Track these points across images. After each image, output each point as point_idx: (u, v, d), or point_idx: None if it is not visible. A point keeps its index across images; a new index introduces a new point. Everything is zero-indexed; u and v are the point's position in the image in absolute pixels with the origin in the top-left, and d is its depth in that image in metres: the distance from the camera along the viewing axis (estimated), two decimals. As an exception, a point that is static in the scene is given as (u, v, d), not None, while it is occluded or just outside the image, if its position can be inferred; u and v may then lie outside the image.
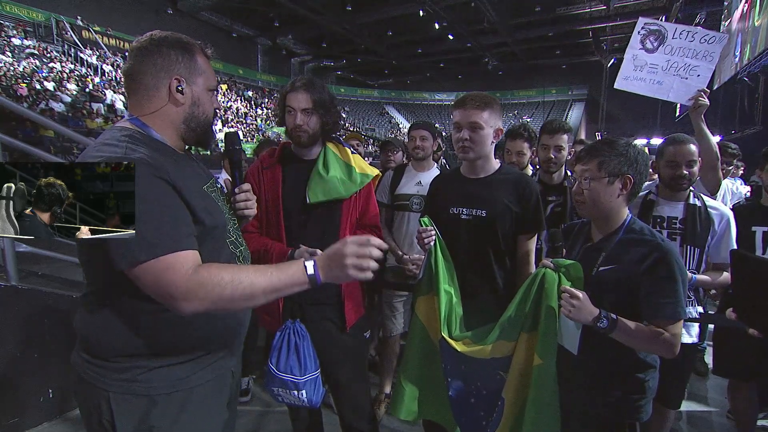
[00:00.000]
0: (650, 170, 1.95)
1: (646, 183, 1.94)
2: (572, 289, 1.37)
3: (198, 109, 1.16)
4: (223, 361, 1.21)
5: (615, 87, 2.42)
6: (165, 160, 1.05)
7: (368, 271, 1.01)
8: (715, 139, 2.20)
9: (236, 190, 1.33)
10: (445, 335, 1.65)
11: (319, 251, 1.62)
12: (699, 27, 2.48)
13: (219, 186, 1.28)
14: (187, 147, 1.22)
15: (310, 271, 1.02)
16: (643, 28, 2.33)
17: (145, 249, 0.95)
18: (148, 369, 1.07)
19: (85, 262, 1.11)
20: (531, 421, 1.47)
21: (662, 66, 2.30)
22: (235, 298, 0.98)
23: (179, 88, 1.11)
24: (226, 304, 0.99)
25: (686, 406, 2.78)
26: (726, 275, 1.95)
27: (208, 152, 1.71)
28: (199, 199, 1.09)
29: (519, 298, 1.51)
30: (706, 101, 2.18)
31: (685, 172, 1.94)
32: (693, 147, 1.95)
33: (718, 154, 2.20)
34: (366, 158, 2.92)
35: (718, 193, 2.38)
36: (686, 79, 2.26)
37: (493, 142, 1.76)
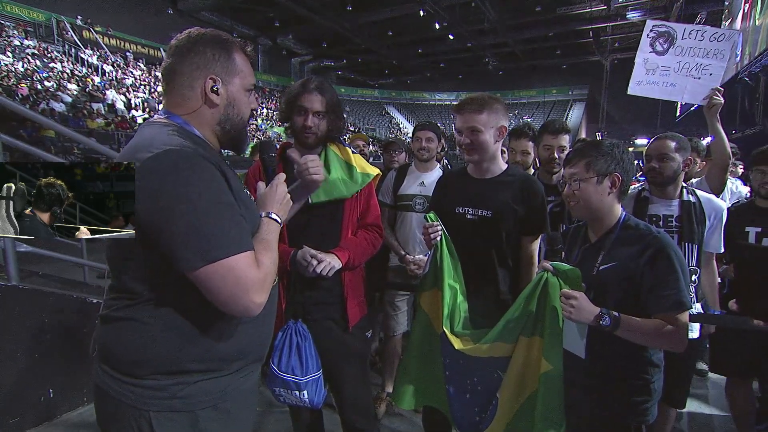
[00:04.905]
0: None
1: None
2: (569, 291, 1.36)
3: (233, 110, 1.11)
4: (255, 371, 1.18)
5: (629, 92, 2.38)
6: (212, 156, 1.02)
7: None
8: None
9: None
10: (447, 330, 1.66)
11: (320, 253, 1.62)
12: (707, 26, 2.45)
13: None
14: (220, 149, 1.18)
15: (274, 217, 1.16)
16: (651, 30, 2.31)
17: (226, 245, 0.93)
18: (187, 384, 1.01)
19: (121, 267, 1.01)
20: (540, 425, 1.46)
21: (674, 68, 2.28)
22: (272, 275, 1.05)
23: (214, 88, 1.07)
24: (271, 284, 1.05)
25: (686, 406, 2.77)
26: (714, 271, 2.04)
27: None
28: (243, 199, 1.07)
29: (521, 302, 1.51)
30: (721, 99, 2.17)
31: (654, 165, 1.96)
32: (669, 143, 1.95)
33: (730, 155, 2.19)
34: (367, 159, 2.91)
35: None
36: (699, 79, 2.24)
37: (497, 141, 1.76)
